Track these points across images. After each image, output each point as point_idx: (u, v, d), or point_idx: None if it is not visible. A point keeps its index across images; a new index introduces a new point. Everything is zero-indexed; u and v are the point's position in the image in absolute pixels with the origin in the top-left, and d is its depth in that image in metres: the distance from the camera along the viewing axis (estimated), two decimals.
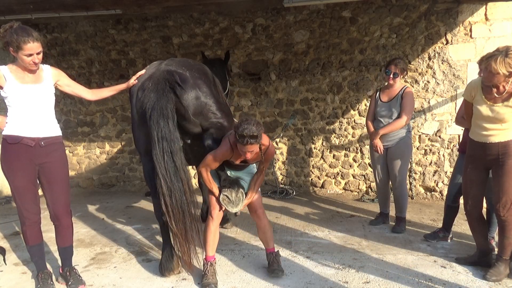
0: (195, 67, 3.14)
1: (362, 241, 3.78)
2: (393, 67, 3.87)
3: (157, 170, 2.72)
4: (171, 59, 3.23)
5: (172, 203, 2.73)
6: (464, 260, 3.18)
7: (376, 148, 3.95)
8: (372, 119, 4.10)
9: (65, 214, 2.91)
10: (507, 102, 2.68)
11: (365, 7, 5.41)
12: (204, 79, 3.07)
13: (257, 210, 3.07)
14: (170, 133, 2.72)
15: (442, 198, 5.27)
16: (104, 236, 4.13)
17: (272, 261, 3.07)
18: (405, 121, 3.83)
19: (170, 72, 2.90)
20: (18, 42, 2.53)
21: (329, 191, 5.90)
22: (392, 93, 3.94)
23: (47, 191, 2.85)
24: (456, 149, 5.25)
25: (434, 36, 5.27)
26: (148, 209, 5.26)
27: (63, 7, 4.37)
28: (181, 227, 2.77)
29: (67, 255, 3.03)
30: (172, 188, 2.72)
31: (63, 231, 2.94)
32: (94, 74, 6.34)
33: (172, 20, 5.97)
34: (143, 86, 2.94)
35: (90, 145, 6.56)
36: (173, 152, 2.73)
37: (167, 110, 2.73)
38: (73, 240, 3.04)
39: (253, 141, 2.60)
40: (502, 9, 4.97)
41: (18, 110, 2.69)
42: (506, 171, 2.73)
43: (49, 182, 2.83)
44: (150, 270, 3.22)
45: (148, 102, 2.78)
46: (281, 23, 5.72)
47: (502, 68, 2.53)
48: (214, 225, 2.98)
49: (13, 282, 3.08)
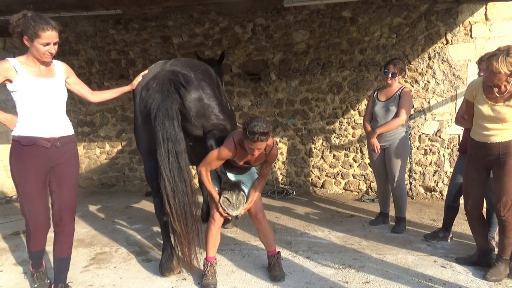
0: (200, 68, 3.14)
1: (362, 241, 3.78)
2: (391, 67, 3.88)
3: (161, 171, 2.71)
4: (176, 59, 3.22)
5: (175, 204, 2.73)
6: (464, 260, 3.18)
7: (373, 148, 3.96)
8: (369, 118, 4.10)
9: (70, 220, 2.70)
10: (508, 102, 2.68)
11: (365, 7, 5.41)
12: (208, 81, 3.07)
13: (257, 214, 3.04)
14: (176, 133, 2.72)
15: (442, 198, 5.26)
16: (104, 236, 4.13)
17: (273, 263, 3.04)
18: (402, 120, 3.83)
19: (175, 72, 2.89)
20: (36, 30, 2.35)
21: (329, 191, 5.90)
22: (390, 92, 3.95)
23: (55, 194, 2.63)
24: (456, 149, 5.25)
25: (434, 36, 5.27)
26: (148, 209, 5.26)
27: (63, 7, 4.37)
28: (183, 228, 2.77)
29: (63, 268, 2.75)
30: (176, 190, 2.73)
31: (64, 238, 2.69)
32: (94, 74, 6.34)
33: (172, 20, 5.98)
34: (148, 85, 2.94)
35: (90, 145, 6.56)
36: (178, 153, 2.73)
37: (172, 111, 2.73)
38: (71, 252, 2.79)
39: (263, 138, 2.58)
40: (502, 9, 4.97)
41: (31, 107, 2.47)
42: (507, 171, 2.73)
43: (59, 184, 2.61)
44: (150, 270, 3.22)
45: (153, 102, 2.77)
46: (281, 23, 5.72)
47: (504, 67, 2.53)
48: (215, 228, 2.97)
49: (13, 282, 3.08)
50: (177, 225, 2.75)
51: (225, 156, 2.82)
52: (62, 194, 2.63)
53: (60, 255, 2.70)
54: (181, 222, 2.76)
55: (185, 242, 2.79)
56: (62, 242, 2.70)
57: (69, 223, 2.70)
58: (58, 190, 2.62)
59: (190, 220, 2.79)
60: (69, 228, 2.72)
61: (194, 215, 2.83)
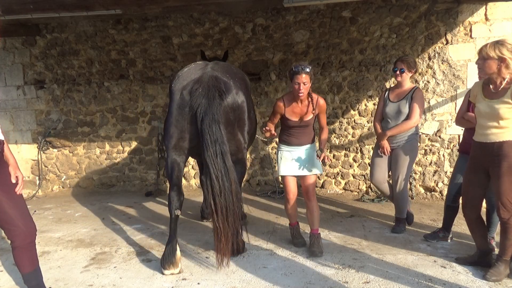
0: (237, 76, 3.42)
1: (362, 241, 3.78)
2: (399, 63, 3.81)
3: (210, 171, 2.94)
4: (216, 63, 3.50)
5: (221, 202, 2.93)
6: (464, 260, 3.18)
7: (382, 150, 3.88)
8: (380, 119, 4.00)
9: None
10: (503, 97, 2.72)
11: (365, 7, 5.41)
12: (244, 91, 3.37)
13: (309, 192, 3.52)
14: (222, 136, 3.00)
15: (442, 198, 5.26)
16: (104, 236, 4.13)
17: (313, 242, 3.48)
18: (415, 122, 3.75)
19: (218, 78, 3.15)
20: None
21: (329, 191, 5.90)
22: (402, 93, 3.84)
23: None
24: (456, 149, 5.25)
25: (434, 36, 5.27)
26: (148, 209, 5.26)
27: (63, 7, 4.36)
28: (225, 225, 2.94)
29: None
30: (224, 188, 2.93)
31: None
32: (94, 74, 6.34)
33: (172, 20, 5.98)
34: (191, 88, 3.12)
35: (90, 145, 6.56)
36: (224, 153, 2.98)
37: (218, 116, 3.00)
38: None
39: (307, 70, 3.21)
40: (502, 9, 4.97)
41: None
42: (502, 173, 2.74)
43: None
44: (150, 270, 3.23)
45: (199, 107, 3.00)
46: (281, 23, 5.72)
47: (492, 51, 2.69)
48: (290, 202, 3.58)
49: (13, 282, 3.08)
50: (220, 222, 2.93)
51: (278, 109, 3.42)
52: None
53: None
54: (224, 220, 2.93)
55: (224, 240, 2.95)
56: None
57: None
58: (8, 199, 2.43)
59: (231, 218, 2.96)
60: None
61: (237, 214, 3.02)
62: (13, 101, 6.54)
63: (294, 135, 3.49)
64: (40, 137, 6.53)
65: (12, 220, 2.42)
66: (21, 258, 2.53)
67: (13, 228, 2.44)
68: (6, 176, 2.44)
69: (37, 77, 6.44)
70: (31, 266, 2.58)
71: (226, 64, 3.57)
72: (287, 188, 3.57)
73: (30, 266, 2.57)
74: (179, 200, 3.21)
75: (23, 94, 6.51)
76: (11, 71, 6.47)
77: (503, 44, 2.69)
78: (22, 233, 2.46)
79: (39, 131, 6.57)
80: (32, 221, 2.55)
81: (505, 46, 2.67)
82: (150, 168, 6.42)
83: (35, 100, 6.53)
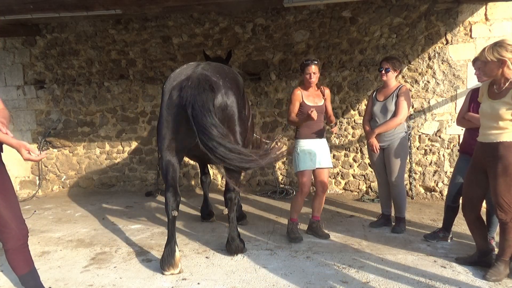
0: (228, 76, 3.35)
1: (362, 241, 3.78)
2: (384, 63, 3.92)
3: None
4: (208, 63, 3.44)
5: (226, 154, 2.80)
6: (464, 260, 3.18)
7: (372, 148, 3.96)
8: (368, 119, 4.11)
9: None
10: (504, 98, 2.73)
11: (365, 7, 5.41)
12: (235, 90, 3.31)
13: (325, 184, 3.87)
14: (215, 120, 2.87)
15: (442, 198, 5.26)
16: (104, 236, 4.13)
17: (317, 227, 3.91)
18: (400, 119, 3.83)
19: (207, 76, 3.10)
20: None
21: (329, 191, 5.90)
22: (388, 92, 3.95)
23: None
24: (456, 149, 5.25)
25: (434, 36, 5.27)
26: (148, 209, 5.26)
27: (63, 7, 4.36)
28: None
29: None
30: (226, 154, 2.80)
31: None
32: (94, 74, 6.34)
33: (172, 20, 5.98)
34: (180, 85, 3.06)
35: (90, 145, 6.56)
36: (219, 136, 2.83)
37: (208, 104, 2.90)
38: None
39: (315, 62, 3.70)
40: (502, 9, 4.97)
41: None
42: (497, 174, 2.75)
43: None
44: (150, 270, 3.22)
45: (188, 98, 2.91)
46: (281, 23, 5.72)
47: (490, 54, 2.70)
48: (301, 198, 3.83)
49: (13, 282, 3.08)
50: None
51: (297, 97, 3.79)
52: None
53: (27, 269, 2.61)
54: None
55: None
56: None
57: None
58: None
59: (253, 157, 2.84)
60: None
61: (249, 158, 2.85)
62: (13, 101, 6.54)
63: (310, 126, 3.75)
64: (40, 137, 6.53)
65: (6, 222, 2.42)
66: (15, 260, 2.54)
67: (6, 230, 2.45)
68: (1, 178, 2.44)
69: (37, 77, 6.44)
70: (27, 267, 2.59)
71: (218, 65, 3.49)
72: (305, 183, 3.77)
73: (26, 267, 2.58)
74: (176, 200, 3.18)
75: (23, 94, 6.52)
76: (11, 71, 6.48)
77: (501, 46, 2.68)
78: (15, 235, 2.47)
79: (39, 131, 6.58)
80: (25, 223, 2.56)
81: (504, 47, 2.66)
82: (150, 168, 6.42)
83: (35, 100, 6.53)
